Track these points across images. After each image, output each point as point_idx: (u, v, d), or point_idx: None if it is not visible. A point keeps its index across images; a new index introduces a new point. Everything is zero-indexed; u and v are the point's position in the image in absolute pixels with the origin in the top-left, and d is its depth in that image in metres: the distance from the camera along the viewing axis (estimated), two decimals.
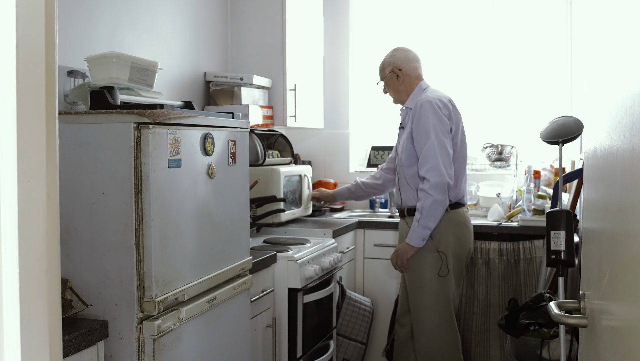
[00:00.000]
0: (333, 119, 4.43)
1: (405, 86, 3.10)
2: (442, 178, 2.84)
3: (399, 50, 3.17)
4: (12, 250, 0.78)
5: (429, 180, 2.84)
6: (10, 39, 0.78)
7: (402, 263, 2.96)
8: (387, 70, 3.13)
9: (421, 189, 2.86)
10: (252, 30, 3.78)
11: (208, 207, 2.11)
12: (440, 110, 2.90)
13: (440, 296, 2.97)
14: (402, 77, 3.09)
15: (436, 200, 2.83)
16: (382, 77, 3.18)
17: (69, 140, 1.83)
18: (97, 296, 1.83)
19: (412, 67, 3.11)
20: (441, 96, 2.98)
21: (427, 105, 2.90)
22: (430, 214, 2.84)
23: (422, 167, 2.87)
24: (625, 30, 0.94)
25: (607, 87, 1.09)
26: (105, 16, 2.71)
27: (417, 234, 2.88)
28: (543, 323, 2.71)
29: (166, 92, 3.10)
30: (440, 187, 2.83)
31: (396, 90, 3.13)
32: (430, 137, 2.86)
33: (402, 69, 3.09)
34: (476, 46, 4.28)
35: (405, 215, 3.05)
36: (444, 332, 3.00)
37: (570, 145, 3.25)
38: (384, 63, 3.17)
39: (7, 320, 0.78)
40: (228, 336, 2.26)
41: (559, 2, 4.11)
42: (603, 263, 1.11)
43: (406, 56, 3.12)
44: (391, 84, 3.14)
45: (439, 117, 2.89)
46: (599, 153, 1.18)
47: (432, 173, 2.84)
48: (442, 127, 2.89)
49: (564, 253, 2.60)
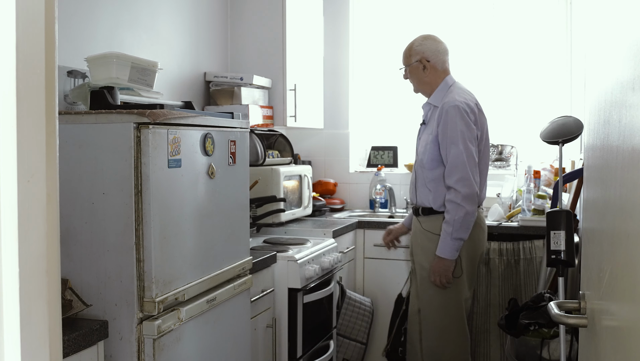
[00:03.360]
0: (333, 119, 4.43)
1: (431, 79, 2.96)
2: (473, 189, 2.78)
3: (430, 39, 3.00)
4: (12, 250, 0.78)
5: (459, 192, 2.76)
6: (10, 39, 0.77)
7: (448, 278, 2.84)
8: (414, 58, 2.97)
9: (451, 201, 2.78)
10: (252, 30, 3.78)
11: (208, 207, 2.11)
12: (468, 116, 2.81)
13: (452, 297, 2.90)
14: (429, 68, 2.95)
15: (468, 212, 2.77)
16: (407, 63, 3.01)
17: (69, 140, 1.83)
18: (97, 296, 1.83)
19: (441, 60, 2.97)
20: (468, 99, 2.88)
21: (454, 111, 2.80)
22: (464, 226, 2.78)
23: (451, 176, 2.79)
24: (625, 30, 0.94)
25: (607, 87, 1.09)
26: (105, 16, 2.71)
27: (450, 247, 2.79)
28: (543, 323, 2.70)
29: (166, 92, 3.10)
30: (471, 198, 2.77)
31: (420, 81, 2.99)
32: (459, 145, 2.77)
33: (430, 61, 2.94)
34: (476, 46, 4.28)
35: (420, 214, 2.96)
36: (453, 334, 2.94)
37: (570, 145, 3.25)
38: (412, 50, 2.99)
39: (7, 320, 0.78)
40: (228, 336, 2.26)
41: (559, 2, 4.12)
42: (603, 263, 1.11)
43: (437, 48, 2.97)
44: (416, 74, 2.99)
45: (466, 124, 2.80)
46: (599, 153, 1.18)
47: (463, 185, 2.76)
48: (469, 134, 2.81)
49: (564, 253, 2.60)
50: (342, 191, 4.43)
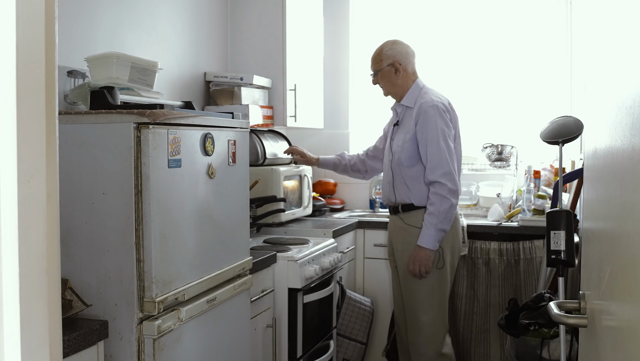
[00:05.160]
0: (333, 119, 4.43)
1: (403, 81, 3.06)
2: (455, 183, 2.91)
3: (399, 43, 3.11)
4: (12, 250, 0.78)
5: (445, 185, 2.88)
6: (10, 39, 0.77)
7: (428, 268, 2.92)
8: (386, 62, 3.07)
9: (437, 193, 2.89)
10: (252, 30, 3.78)
11: (208, 207, 2.11)
12: (445, 115, 2.94)
13: (436, 289, 2.99)
14: (401, 71, 3.05)
15: (452, 204, 2.90)
16: (378, 68, 3.10)
17: (69, 140, 1.83)
18: (97, 296, 1.83)
19: (411, 63, 3.09)
20: (443, 100, 3.00)
21: (433, 110, 2.92)
22: (448, 217, 2.89)
23: (435, 171, 2.89)
24: (625, 30, 0.94)
25: (607, 87, 1.09)
26: (105, 16, 2.71)
27: (433, 237, 2.89)
28: (543, 323, 2.71)
29: (166, 92, 3.10)
30: (455, 191, 2.91)
31: (393, 84, 3.08)
32: (440, 142, 2.89)
33: (401, 64, 3.05)
34: (476, 46, 4.28)
35: (400, 212, 3.05)
36: (438, 325, 3.02)
37: (570, 145, 3.25)
38: (383, 55, 3.09)
39: (7, 320, 0.78)
40: (228, 336, 2.26)
41: (559, 2, 4.11)
42: (603, 263, 1.11)
43: (406, 51, 3.09)
44: (388, 78, 3.08)
45: (445, 122, 2.93)
46: (599, 153, 1.18)
47: (448, 179, 2.88)
48: (449, 132, 2.94)
49: (564, 253, 2.60)
50: (342, 191, 4.43)
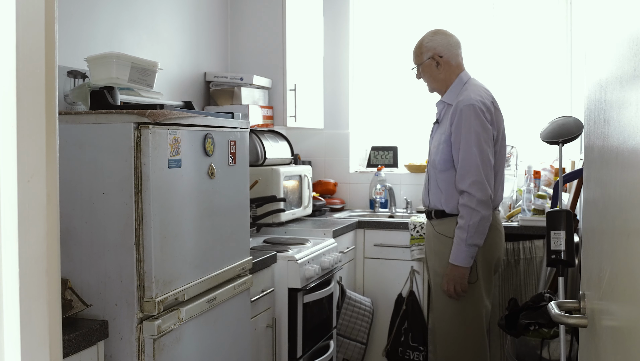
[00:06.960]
0: (333, 119, 4.43)
1: (445, 75, 2.80)
2: (486, 192, 2.61)
3: (440, 33, 2.84)
4: (12, 250, 0.78)
5: (474, 196, 2.59)
6: (10, 39, 0.77)
7: (464, 286, 2.66)
8: (426, 55, 2.81)
9: (465, 205, 2.61)
10: (252, 30, 3.78)
11: (208, 207, 2.11)
12: (484, 115, 2.64)
13: (469, 306, 2.71)
14: (443, 64, 2.79)
15: (483, 217, 2.61)
16: (419, 62, 2.84)
17: (69, 140, 1.83)
18: (97, 296, 1.83)
19: (454, 55, 2.81)
20: (484, 97, 2.71)
21: (469, 110, 2.63)
22: (479, 231, 2.61)
23: (464, 180, 2.62)
24: (624, 30, 0.94)
25: (607, 87, 1.09)
26: (105, 16, 2.71)
27: (465, 254, 2.62)
28: (543, 323, 2.71)
29: (166, 92, 3.10)
30: (485, 202, 2.61)
31: (434, 79, 2.83)
32: (472, 147, 2.61)
33: (443, 56, 2.79)
34: (476, 46, 4.27)
35: (433, 218, 2.80)
36: (470, 347, 2.75)
37: (570, 145, 3.25)
38: (422, 47, 2.83)
39: (7, 320, 0.78)
40: (228, 336, 2.26)
41: (559, 2, 4.12)
42: (603, 263, 1.11)
43: (448, 41, 2.81)
44: (429, 72, 2.83)
45: (482, 124, 2.63)
46: (599, 153, 1.18)
47: (476, 189, 2.60)
48: (485, 135, 2.64)
49: (564, 253, 2.60)
50: (342, 191, 4.43)
